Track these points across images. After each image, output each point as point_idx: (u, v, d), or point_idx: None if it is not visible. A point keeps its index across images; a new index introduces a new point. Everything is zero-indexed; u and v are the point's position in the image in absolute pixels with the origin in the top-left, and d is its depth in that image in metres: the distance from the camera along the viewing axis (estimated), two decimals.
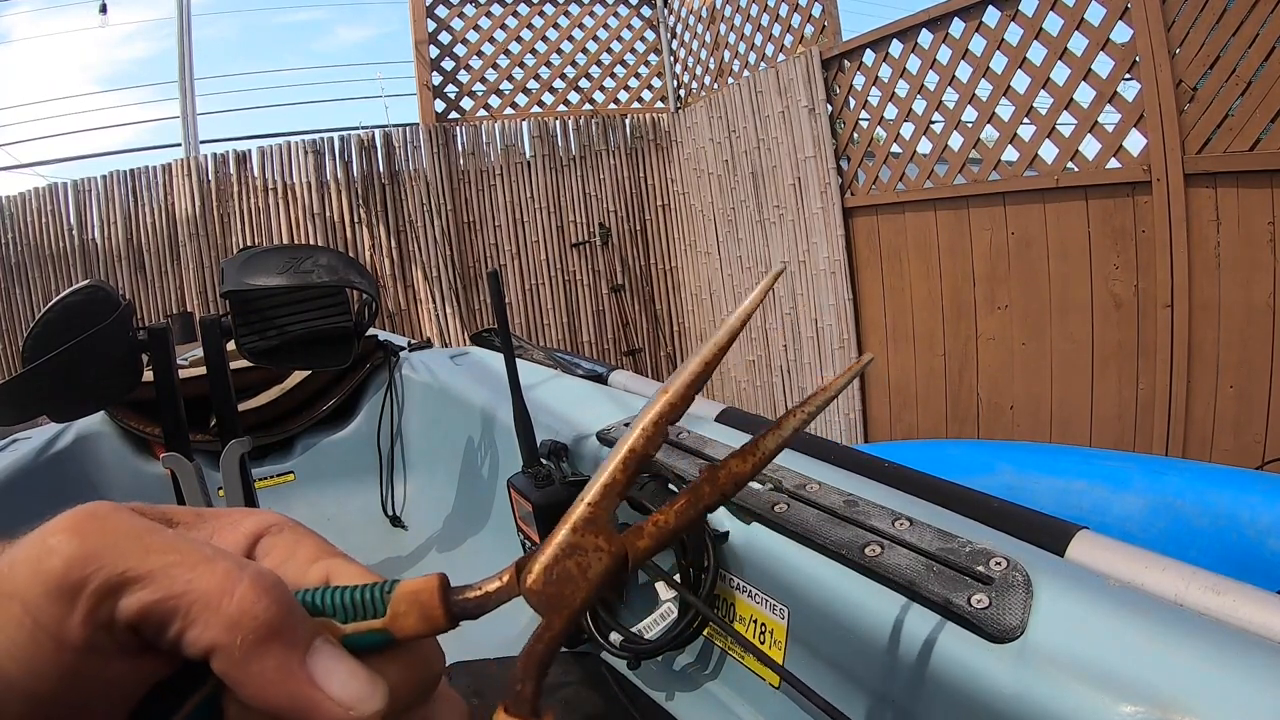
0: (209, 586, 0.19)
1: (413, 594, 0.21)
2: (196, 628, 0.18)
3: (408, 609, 0.21)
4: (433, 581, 0.21)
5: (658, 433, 0.23)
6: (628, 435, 0.23)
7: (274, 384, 1.35)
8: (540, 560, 0.22)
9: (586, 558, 0.22)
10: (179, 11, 4.00)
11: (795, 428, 0.24)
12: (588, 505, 0.22)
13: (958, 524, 0.50)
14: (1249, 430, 2.04)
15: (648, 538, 0.23)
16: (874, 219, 3.10)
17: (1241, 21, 1.87)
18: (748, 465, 0.24)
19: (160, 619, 0.18)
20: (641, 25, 4.23)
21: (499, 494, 0.99)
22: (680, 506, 0.23)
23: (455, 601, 0.22)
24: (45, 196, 3.66)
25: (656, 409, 0.23)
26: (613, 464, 0.23)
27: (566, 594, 0.22)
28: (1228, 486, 1.35)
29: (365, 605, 0.21)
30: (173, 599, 0.18)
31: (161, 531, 0.20)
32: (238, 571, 0.19)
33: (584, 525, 0.22)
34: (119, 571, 0.18)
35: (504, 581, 0.22)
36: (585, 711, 0.63)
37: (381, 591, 0.21)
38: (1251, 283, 2.00)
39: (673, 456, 0.70)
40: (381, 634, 0.21)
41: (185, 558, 0.19)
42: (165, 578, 0.19)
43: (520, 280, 4.01)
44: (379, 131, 3.84)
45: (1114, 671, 0.36)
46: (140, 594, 0.18)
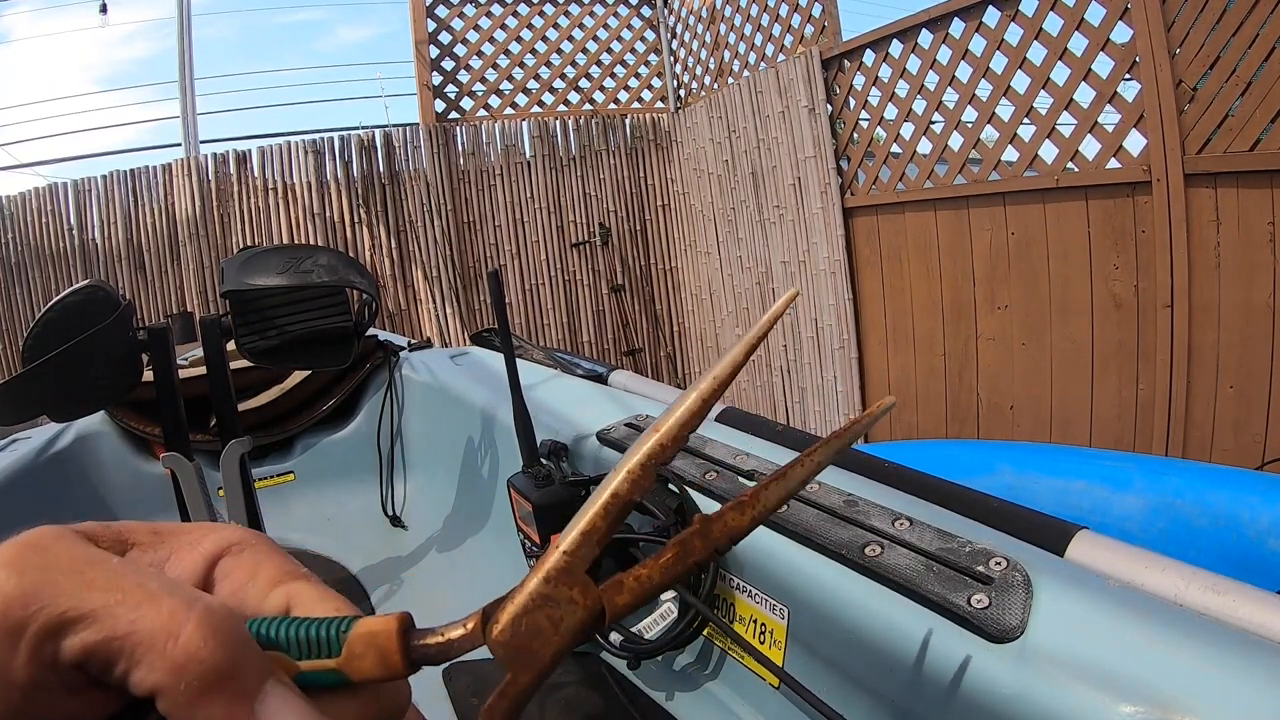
0: (153, 627, 0.18)
1: (370, 635, 0.20)
2: (141, 670, 0.18)
3: (364, 650, 0.20)
4: (391, 624, 0.20)
5: (645, 476, 0.21)
6: (611, 478, 0.21)
7: (274, 384, 1.35)
8: (508, 610, 0.21)
9: (559, 610, 0.21)
10: (179, 11, 4.00)
11: (801, 479, 0.22)
12: (564, 554, 0.21)
13: (958, 524, 0.50)
14: (1249, 430, 2.05)
15: (628, 593, 0.21)
16: (874, 219, 3.10)
17: (1241, 22, 1.87)
18: (745, 519, 0.22)
19: (104, 659, 0.18)
20: (641, 25, 4.23)
21: (499, 494, 0.99)
22: (667, 561, 0.21)
23: (415, 647, 0.21)
24: (45, 196, 3.66)
25: (645, 450, 0.22)
26: (593, 510, 0.21)
27: (535, 648, 0.20)
28: (1228, 486, 1.35)
29: (321, 643, 0.20)
30: (116, 639, 0.18)
31: (105, 563, 0.19)
32: (184, 611, 0.18)
33: (558, 575, 0.21)
34: (59, 611, 0.18)
35: (468, 629, 0.21)
36: (585, 711, 0.63)
37: (338, 630, 0.20)
38: (1251, 283, 2.00)
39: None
40: (335, 674, 0.20)
41: (128, 596, 0.18)
42: (108, 617, 0.18)
43: (520, 280, 4.01)
44: (379, 131, 3.84)
45: (1114, 671, 0.36)
46: (83, 634, 0.18)
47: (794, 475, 0.22)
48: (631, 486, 0.21)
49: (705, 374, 0.22)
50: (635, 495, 0.21)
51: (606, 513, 0.21)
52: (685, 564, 0.21)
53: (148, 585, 0.18)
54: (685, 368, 4.35)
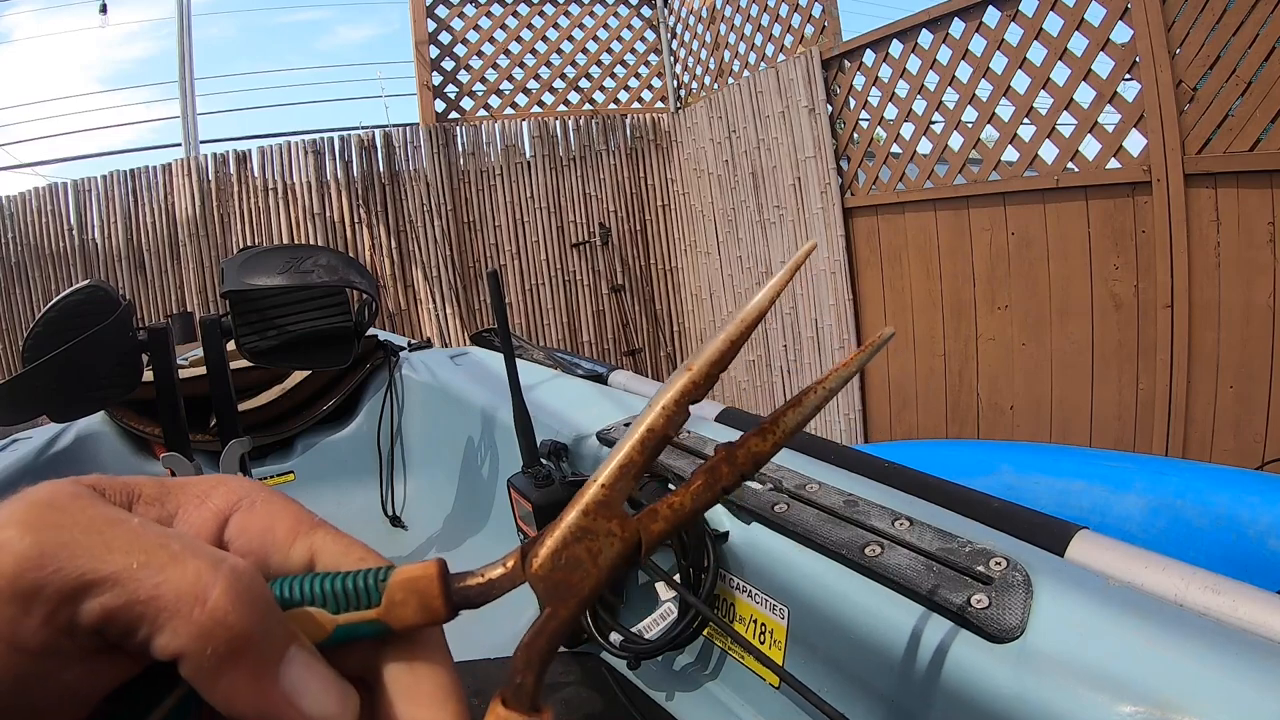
0: (179, 591, 0.17)
1: (410, 581, 0.20)
2: (164, 635, 0.17)
3: (405, 597, 0.20)
4: (431, 568, 0.20)
5: (679, 411, 0.21)
6: (646, 413, 0.21)
7: (274, 384, 1.35)
8: (548, 544, 0.21)
9: (598, 542, 0.21)
10: (179, 11, 4.01)
11: (816, 404, 0.22)
12: (601, 486, 0.21)
13: (958, 524, 0.50)
14: (1249, 430, 2.04)
15: (662, 520, 0.21)
16: (874, 219, 3.10)
17: (1241, 22, 1.87)
18: (767, 444, 0.22)
19: (126, 624, 0.17)
20: (641, 25, 4.23)
21: (499, 494, 0.99)
22: (697, 488, 0.22)
23: (456, 590, 0.20)
24: (45, 196, 3.66)
25: (679, 385, 0.21)
26: (630, 443, 0.21)
27: (575, 581, 0.20)
28: (1228, 487, 1.35)
29: (359, 593, 0.20)
30: (139, 604, 0.17)
31: (125, 522, 0.18)
32: (210, 573, 0.17)
33: (596, 508, 0.21)
34: (78, 574, 0.17)
35: (508, 568, 0.21)
36: (585, 711, 0.63)
37: (376, 579, 0.20)
38: (1252, 283, 2.00)
39: (672, 456, 0.70)
40: (376, 625, 0.20)
41: (151, 557, 0.17)
42: (130, 580, 0.17)
43: (520, 280, 4.01)
44: (379, 131, 3.84)
45: (1114, 671, 0.36)
46: (103, 598, 0.17)
47: (808, 401, 0.22)
48: (666, 422, 0.21)
49: (733, 316, 0.22)
50: (670, 431, 0.21)
51: (643, 447, 0.21)
52: (714, 490, 0.22)
53: (171, 546, 0.18)
54: None
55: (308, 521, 0.21)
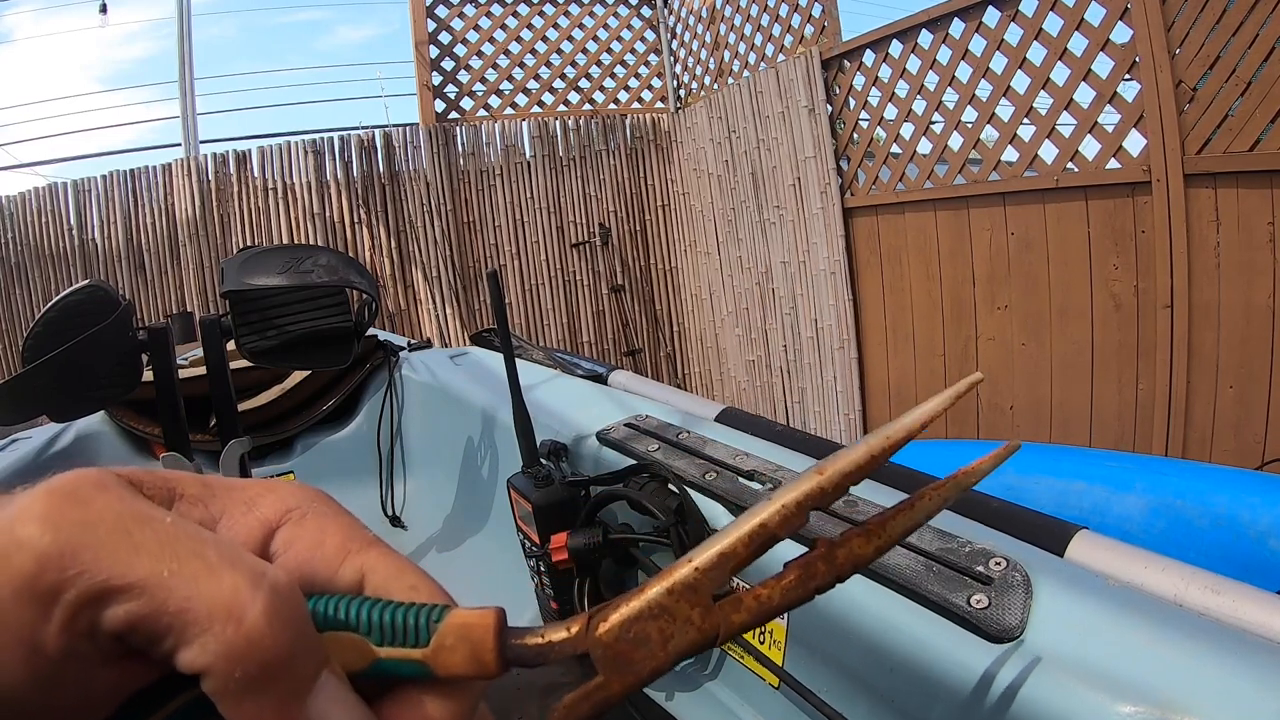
0: (212, 605, 0.16)
1: (464, 628, 0.19)
2: (192, 650, 0.16)
3: (455, 643, 0.18)
4: (489, 618, 0.19)
5: (798, 515, 0.20)
6: (763, 507, 0.20)
7: (274, 384, 1.35)
8: (621, 611, 0.19)
9: (674, 626, 0.19)
10: (179, 11, 4.00)
11: (929, 511, 0.21)
12: (695, 569, 0.20)
13: (958, 524, 0.50)
14: (1249, 431, 2.05)
15: (745, 613, 0.20)
16: (874, 219, 3.10)
17: (1241, 22, 1.87)
18: (870, 547, 0.21)
19: (150, 633, 0.16)
20: (641, 25, 4.23)
21: (499, 494, 0.99)
22: (789, 583, 0.20)
23: (511, 645, 0.19)
24: (45, 196, 3.66)
25: (805, 488, 0.20)
26: (737, 534, 0.20)
27: (637, 659, 0.19)
28: (1228, 487, 1.35)
29: (407, 630, 0.18)
30: (167, 615, 0.16)
31: (157, 522, 0.17)
32: (249, 590, 0.16)
33: (683, 590, 0.19)
34: (101, 579, 0.16)
35: (571, 633, 0.19)
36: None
37: (429, 618, 0.19)
38: (1251, 283, 2.00)
39: (672, 456, 0.70)
40: (419, 666, 0.18)
41: (184, 566, 0.16)
42: (159, 589, 0.16)
43: (520, 280, 4.01)
44: (379, 131, 3.84)
45: (1114, 671, 0.36)
46: (128, 605, 0.16)
47: (921, 508, 0.21)
48: (781, 521, 0.20)
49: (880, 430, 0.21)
50: (782, 533, 0.20)
51: (750, 541, 0.20)
52: (806, 588, 0.20)
53: (207, 554, 0.17)
54: (685, 368, 4.35)
55: (360, 539, 0.20)
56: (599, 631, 0.19)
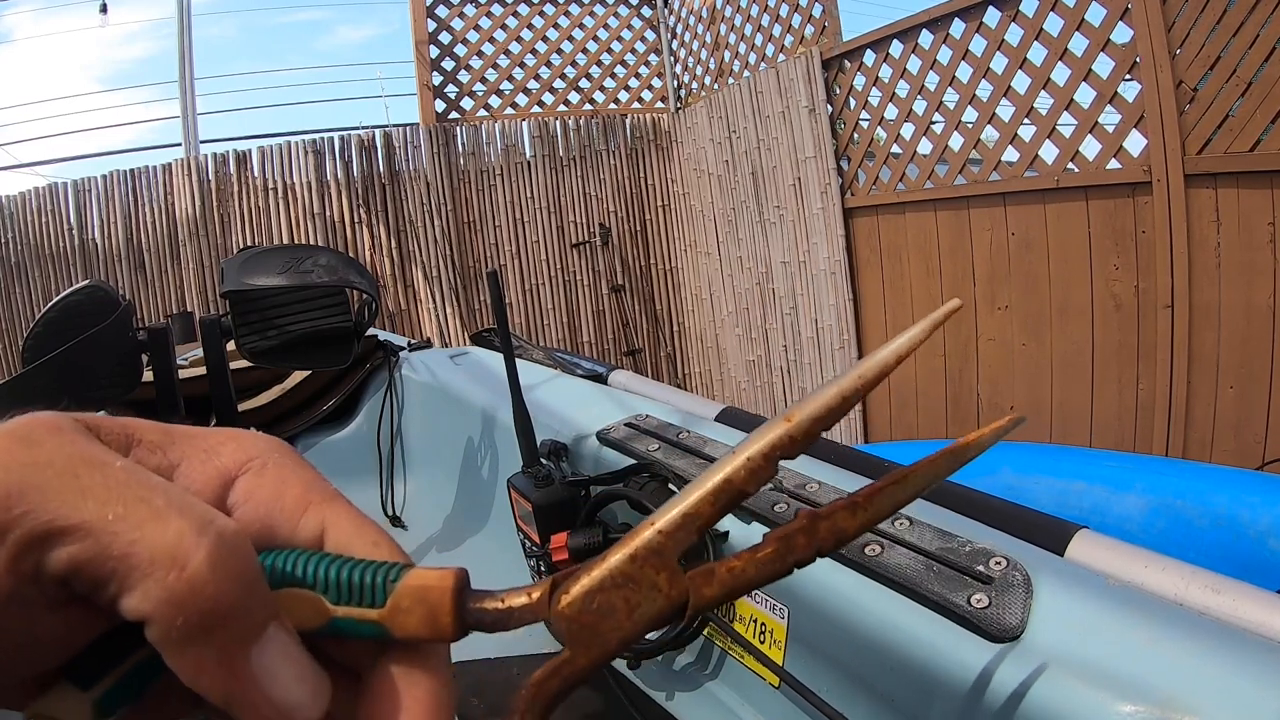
0: (154, 552, 0.15)
1: (421, 589, 0.18)
2: (133, 596, 0.15)
3: (412, 605, 0.18)
4: (448, 580, 0.18)
5: (766, 466, 0.19)
6: (728, 460, 0.19)
7: (274, 384, 1.35)
8: (583, 582, 0.19)
9: (639, 594, 0.18)
10: (179, 11, 4.01)
11: (919, 487, 0.19)
12: (659, 531, 0.18)
13: (958, 524, 0.50)
14: (1249, 431, 2.05)
15: (718, 585, 0.19)
16: (874, 219, 3.10)
17: (1242, 22, 1.87)
18: (855, 522, 0.19)
19: (94, 578, 0.16)
20: (641, 25, 4.23)
21: (499, 494, 0.99)
22: (765, 556, 0.19)
23: (471, 610, 0.18)
24: (45, 196, 3.66)
25: (771, 436, 0.19)
26: (700, 491, 0.19)
27: (603, 630, 0.18)
28: (1228, 487, 1.35)
29: (364, 589, 0.18)
30: (110, 559, 0.15)
31: (107, 467, 0.16)
32: (194, 537, 0.16)
33: (647, 554, 0.18)
34: (45, 520, 0.15)
35: (533, 599, 0.19)
36: (585, 711, 0.63)
37: (386, 577, 0.18)
38: (1252, 284, 2.00)
39: (672, 456, 0.70)
40: (376, 627, 0.18)
41: (130, 510, 0.16)
42: (103, 532, 0.15)
43: (520, 280, 4.01)
44: (379, 131, 3.84)
45: (1114, 671, 0.36)
46: (71, 548, 0.15)
47: (912, 482, 0.19)
48: (748, 476, 0.19)
49: (852, 369, 0.19)
50: (750, 487, 0.19)
51: (715, 498, 0.19)
52: (785, 562, 0.19)
53: (154, 500, 0.16)
54: (685, 368, 4.35)
55: (320, 492, 0.19)
56: (561, 604, 0.19)
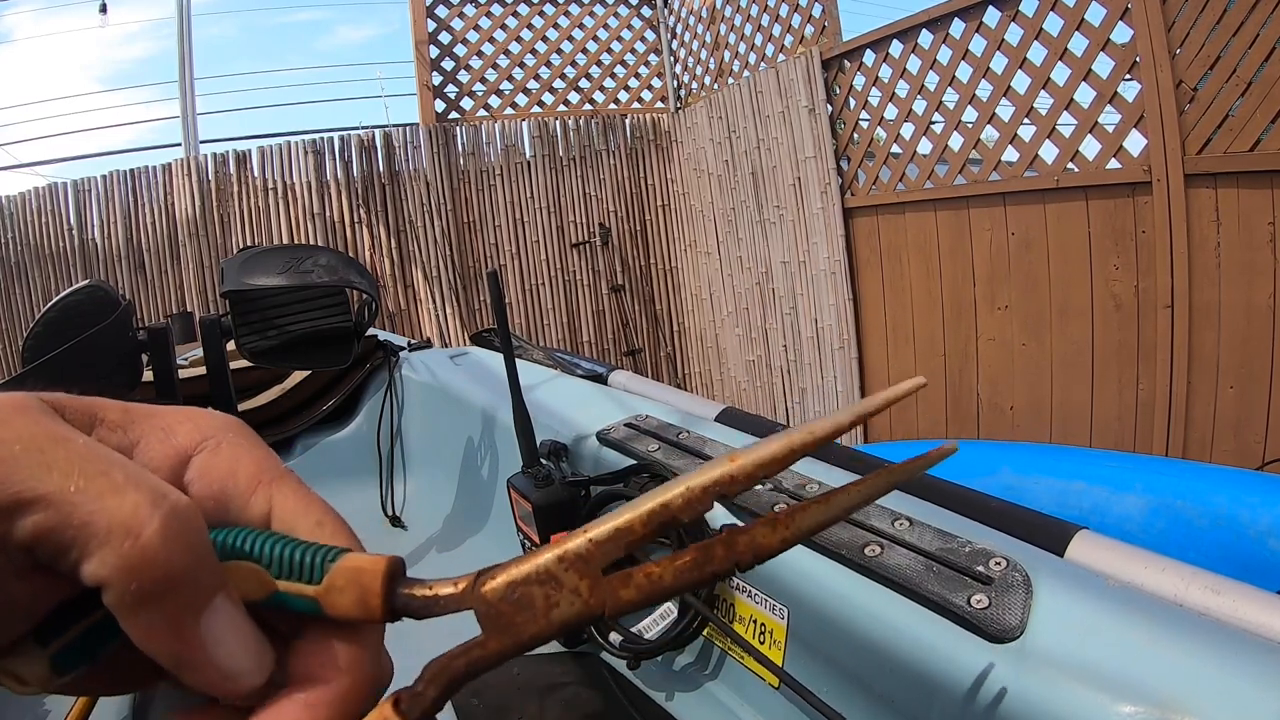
0: (112, 521, 0.17)
1: (356, 571, 0.19)
2: (92, 562, 0.17)
3: (345, 585, 0.19)
4: (380, 564, 0.19)
5: (703, 499, 0.19)
6: (668, 488, 0.20)
7: (274, 384, 1.35)
8: (509, 572, 0.19)
9: (559, 595, 0.19)
10: (179, 11, 4.00)
11: (846, 507, 0.20)
12: (589, 540, 0.19)
13: (958, 524, 0.50)
14: (1249, 431, 2.05)
15: (634, 589, 0.20)
16: (874, 219, 3.10)
17: (1242, 22, 1.87)
18: (775, 538, 0.20)
19: (56, 546, 0.17)
20: (641, 25, 4.23)
21: (499, 494, 0.99)
22: (683, 565, 0.20)
23: (400, 594, 0.19)
24: (45, 196, 3.66)
25: (714, 474, 0.19)
26: (637, 511, 0.19)
27: (518, 622, 0.19)
28: (1228, 487, 1.35)
29: (303, 567, 0.19)
30: (71, 528, 0.17)
31: (69, 443, 0.18)
32: (148, 509, 0.17)
33: (574, 560, 0.19)
34: (11, 491, 0.16)
35: (458, 589, 0.19)
36: (585, 711, 0.63)
37: (325, 558, 0.19)
38: (1252, 283, 2.00)
39: (672, 456, 0.70)
40: (311, 603, 0.19)
41: (90, 483, 0.17)
42: (65, 503, 0.17)
43: (520, 280, 4.01)
44: (379, 131, 3.84)
45: (1114, 671, 0.36)
46: (35, 517, 0.16)
47: (838, 502, 0.20)
48: (685, 505, 0.19)
49: (802, 426, 0.20)
50: (684, 516, 0.19)
51: (649, 519, 0.19)
52: (702, 572, 0.20)
53: (113, 474, 0.17)
54: (685, 368, 4.35)
55: (271, 470, 0.21)
56: (484, 589, 0.19)
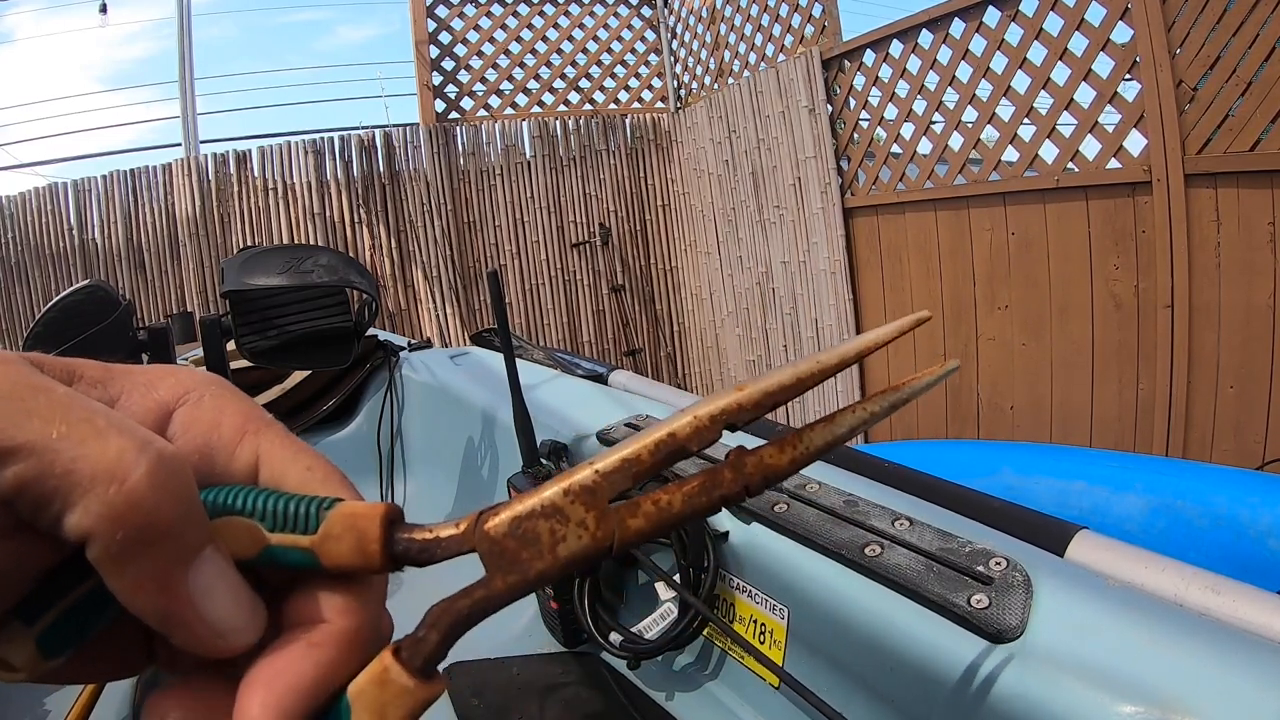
0: (96, 467, 0.16)
1: (352, 516, 0.18)
2: (76, 512, 0.16)
3: (342, 533, 0.18)
4: (378, 510, 0.18)
5: (711, 428, 0.19)
6: (675, 417, 0.19)
7: (274, 384, 1.35)
8: (513, 509, 0.18)
9: (566, 529, 0.18)
10: (179, 11, 4.01)
11: (852, 425, 0.19)
12: (595, 471, 0.18)
13: (958, 524, 0.50)
14: (1249, 431, 2.04)
15: (643, 518, 0.19)
16: (874, 219, 3.10)
17: (1242, 22, 1.87)
18: (784, 459, 0.19)
19: (38, 497, 0.16)
20: (641, 25, 4.23)
21: (499, 494, 0.99)
22: (691, 489, 0.19)
23: (399, 539, 0.18)
24: (45, 196, 3.66)
25: (721, 402, 0.19)
26: (643, 441, 0.19)
27: (524, 558, 0.18)
28: (1228, 487, 1.35)
29: (296, 517, 0.18)
30: (53, 477, 0.16)
31: (50, 391, 0.17)
32: (134, 453, 0.16)
33: (580, 491, 0.18)
34: None
35: (460, 530, 0.19)
36: (585, 711, 0.63)
37: (319, 506, 0.18)
38: (1252, 283, 2.00)
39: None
40: (307, 554, 0.18)
41: (73, 430, 0.16)
42: (47, 450, 0.16)
43: (520, 280, 4.01)
44: (379, 131, 3.84)
45: (1114, 671, 0.36)
46: (15, 467, 0.15)
47: (843, 421, 0.19)
48: (692, 434, 0.19)
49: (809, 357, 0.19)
50: (693, 446, 0.19)
51: (656, 448, 0.19)
52: (711, 496, 0.19)
53: (95, 420, 0.16)
54: (685, 368, 4.35)
55: (257, 420, 0.20)
56: (486, 526, 0.18)
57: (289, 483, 0.19)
